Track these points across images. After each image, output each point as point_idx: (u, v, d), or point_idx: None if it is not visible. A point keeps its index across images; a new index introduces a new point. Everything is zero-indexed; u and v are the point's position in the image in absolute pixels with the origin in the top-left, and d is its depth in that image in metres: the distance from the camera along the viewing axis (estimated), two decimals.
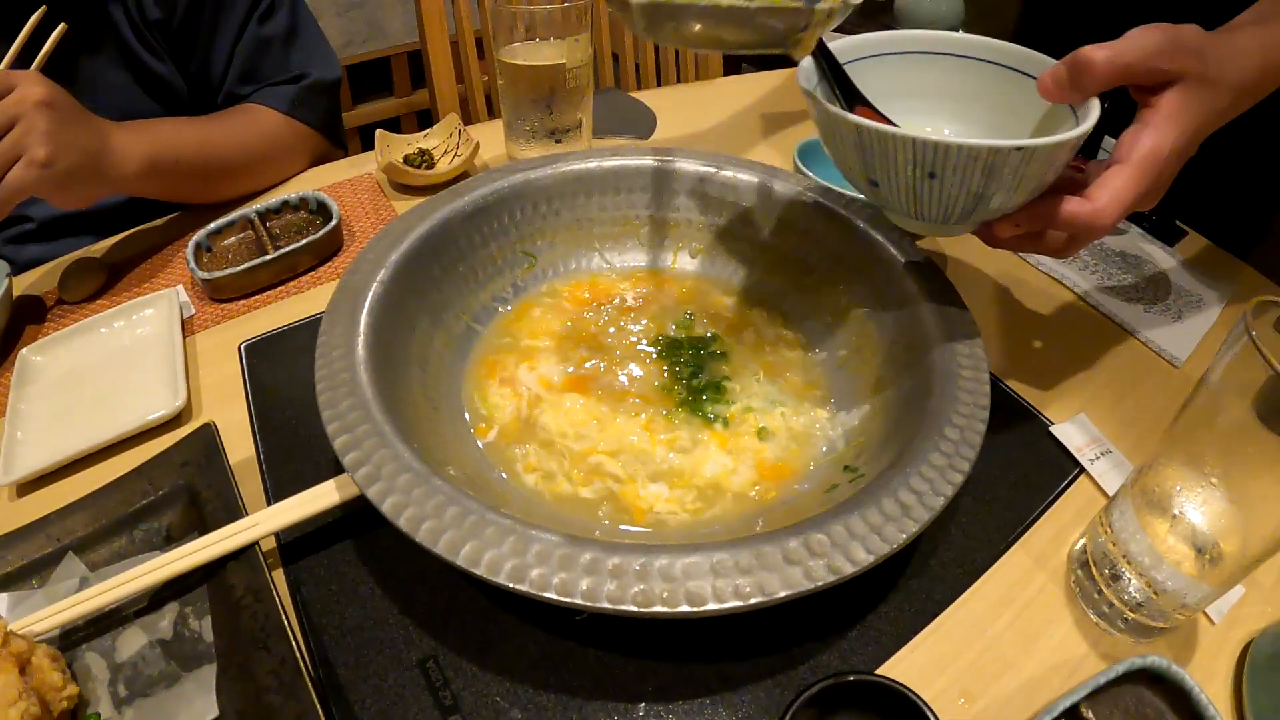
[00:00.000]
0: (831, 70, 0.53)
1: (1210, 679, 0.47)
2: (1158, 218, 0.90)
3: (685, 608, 0.37)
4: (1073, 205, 0.46)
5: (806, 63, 0.52)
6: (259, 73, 0.93)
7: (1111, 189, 0.45)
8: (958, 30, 1.99)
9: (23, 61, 0.72)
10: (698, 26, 0.46)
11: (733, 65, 1.66)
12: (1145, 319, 0.74)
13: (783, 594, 0.37)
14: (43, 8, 0.75)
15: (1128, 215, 0.46)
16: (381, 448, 0.43)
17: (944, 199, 0.47)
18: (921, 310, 0.55)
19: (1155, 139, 0.46)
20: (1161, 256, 0.84)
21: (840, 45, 0.55)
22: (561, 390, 0.59)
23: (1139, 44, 0.45)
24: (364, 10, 2.05)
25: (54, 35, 0.75)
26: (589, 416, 0.57)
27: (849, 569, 0.38)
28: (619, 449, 0.55)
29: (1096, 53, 0.45)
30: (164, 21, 0.86)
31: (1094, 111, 0.47)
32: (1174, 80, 0.46)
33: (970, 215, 0.49)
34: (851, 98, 0.54)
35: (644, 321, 0.65)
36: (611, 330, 0.65)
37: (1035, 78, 0.50)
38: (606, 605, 0.37)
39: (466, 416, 0.57)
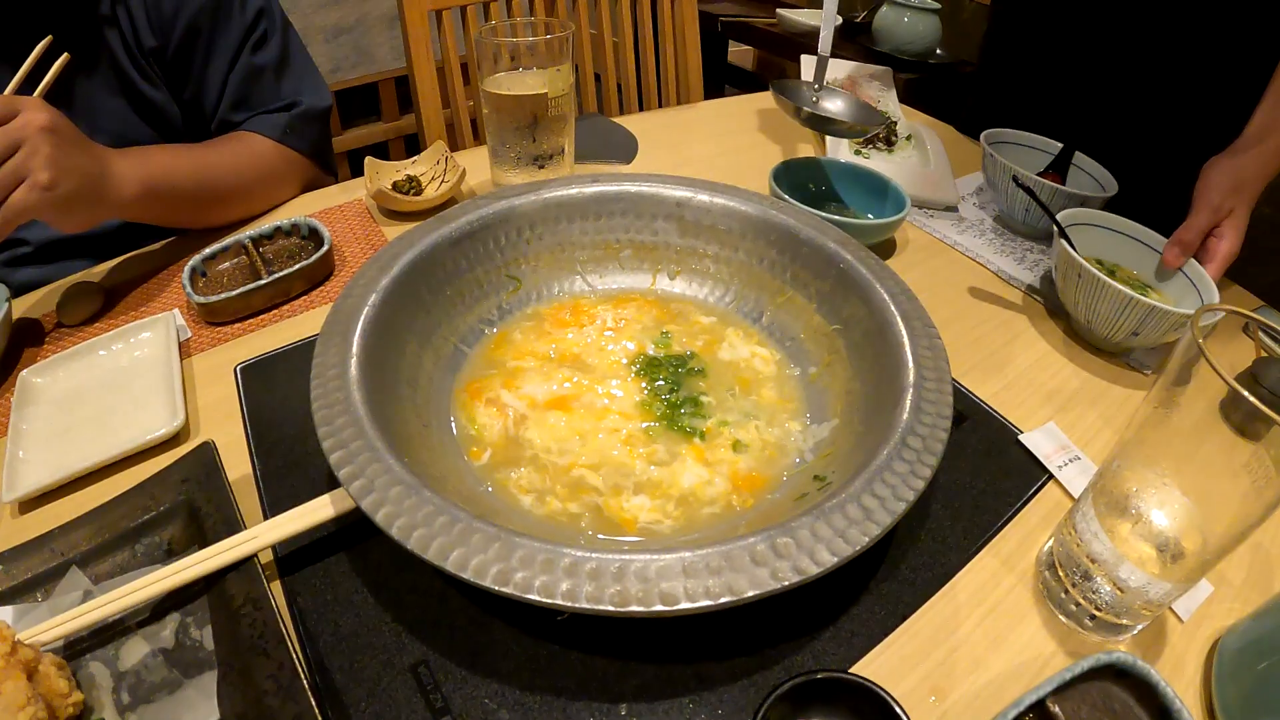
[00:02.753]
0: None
1: (1179, 675, 0.49)
2: None
3: (659, 607, 0.39)
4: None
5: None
6: (251, 100, 0.95)
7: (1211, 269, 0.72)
8: (935, 50, 2.03)
9: (26, 89, 0.74)
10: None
11: (714, 89, 1.69)
12: None
13: (750, 593, 0.39)
14: (49, 37, 0.77)
15: None
16: (374, 462, 0.45)
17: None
18: (889, 327, 0.58)
19: (1230, 246, 0.72)
20: None
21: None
22: (545, 408, 0.61)
23: (1204, 214, 0.73)
24: (352, 36, 2.08)
25: (57, 64, 0.77)
26: (572, 432, 0.59)
27: (813, 570, 0.40)
28: (600, 463, 0.57)
29: (1185, 235, 0.73)
30: (159, 49, 0.88)
31: (1214, 291, 0.70)
32: (1230, 212, 0.72)
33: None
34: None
35: (624, 341, 0.68)
36: (593, 350, 0.67)
37: (1149, 246, 0.77)
38: (586, 605, 0.39)
39: (455, 434, 0.59)
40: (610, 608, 0.39)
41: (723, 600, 0.39)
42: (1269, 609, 0.48)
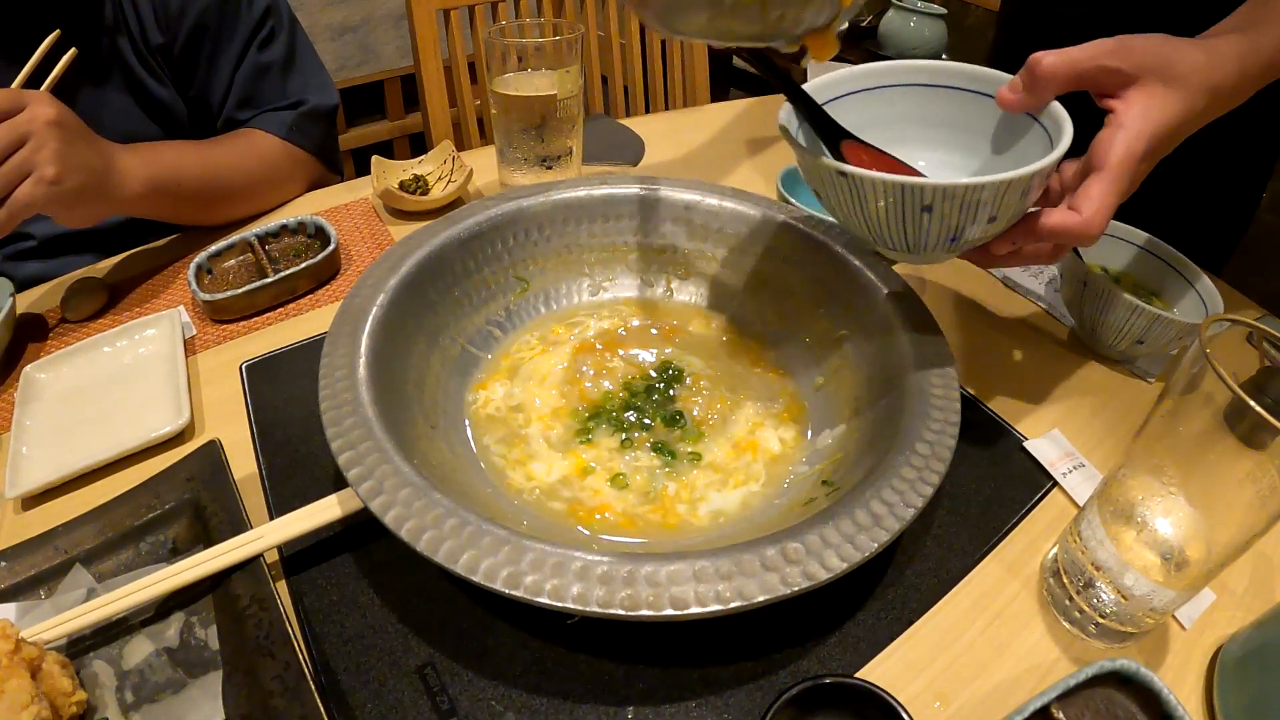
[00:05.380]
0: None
1: (1181, 682, 0.49)
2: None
3: (669, 611, 0.39)
4: (1060, 218, 0.47)
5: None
6: (258, 98, 0.95)
7: (1096, 197, 0.46)
8: (941, 55, 2.04)
9: (33, 83, 0.74)
10: (710, 17, 0.47)
11: (720, 92, 1.69)
12: None
13: (760, 598, 0.39)
14: (56, 32, 0.77)
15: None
16: (383, 463, 0.45)
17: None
18: (897, 332, 0.58)
19: (1128, 141, 0.46)
20: None
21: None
22: (554, 414, 0.61)
23: (1089, 47, 0.48)
24: (357, 35, 2.08)
25: (65, 59, 0.77)
26: (574, 439, 0.59)
27: (823, 575, 0.40)
28: (603, 471, 0.57)
29: (1046, 55, 0.47)
30: (166, 47, 0.89)
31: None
32: (1133, 80, 0.47)
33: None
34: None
35: (632, 348, 0.68)
36: (599, 355, 0.67)
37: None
38: (596, 609, 0.39)
39: (464, 436, 0.59)
40: (621, 611, 0.39)
41: (733, 605, 0.39)
42: (1271, 618, 0.48)
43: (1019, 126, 0.54)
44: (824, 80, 0.58)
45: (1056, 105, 0.50)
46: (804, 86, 0.56)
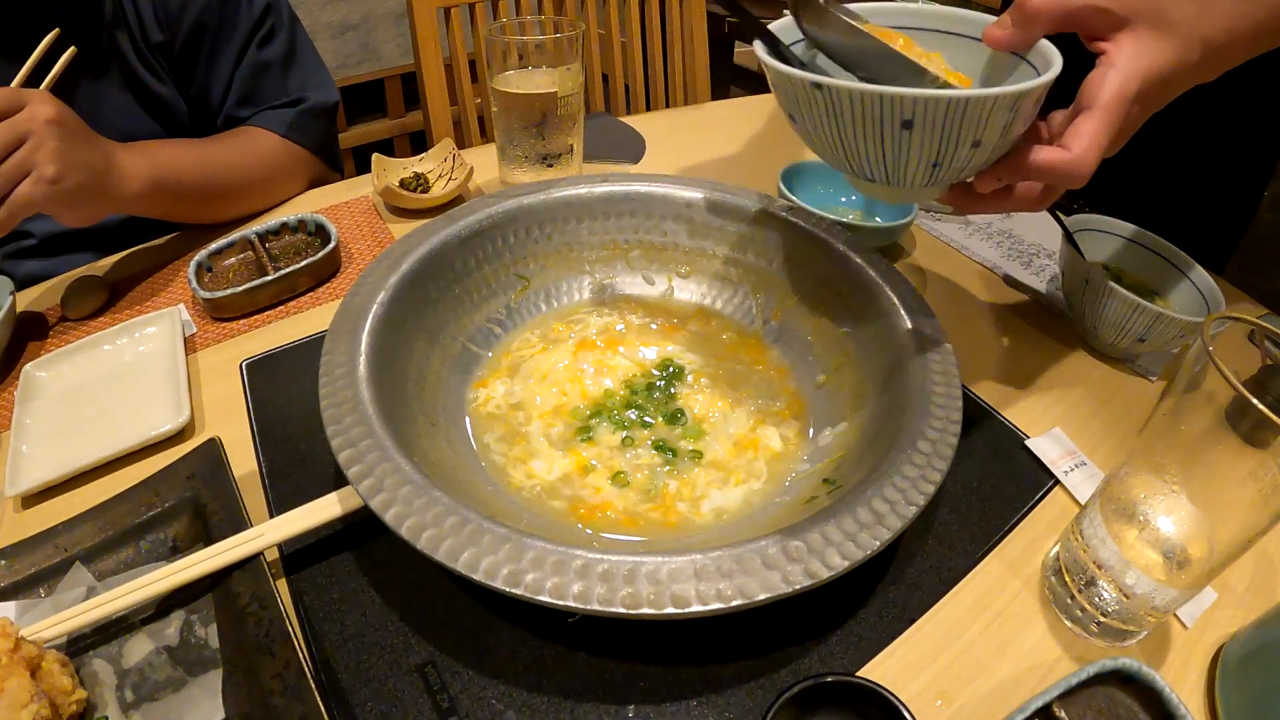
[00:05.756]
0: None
1: (1183, 681, 0.48)
2: None
3: (670, 609, 0.39)
4: (1049, 154, 0.45)
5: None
6: (258, 96, 0.95)
7: (1086, 135, 0.45)
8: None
9: (32, 82, 0.74)
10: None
11: (721, 89, 1.69)
12: None
13: (762, 597, 0.39)
14: (56, 30, 0.77)
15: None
16: (383, 461, 0.45)
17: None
18: (899, 330, 0.58)
19: (1119, 81, 0.45)
20: None
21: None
22: (551, 413, 0.61)
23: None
24: (358, 33, 2.08)
25: (64, 57, 0.77)
26: (575, 436, 0.59)
27: (825, 573, 0.40)
28: (604, 469, 0.57)
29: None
30: (166, 44, 0.88)
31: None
32: (1124, 23, 0.46)
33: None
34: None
35: (633, 346, 0.68)
36: (600, 352, 0.67)
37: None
38: (597, 607, 0.39)
39: (465, 434, 0.59)
40: (622, 610, 0.39)
41: (734, 603, 0.39)
42: (1273, 616, 0.48)
43: (1006, 67, 0.51)
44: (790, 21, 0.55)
45: (1045, 42, 0.48)
46: (776, 24, 0.53)
